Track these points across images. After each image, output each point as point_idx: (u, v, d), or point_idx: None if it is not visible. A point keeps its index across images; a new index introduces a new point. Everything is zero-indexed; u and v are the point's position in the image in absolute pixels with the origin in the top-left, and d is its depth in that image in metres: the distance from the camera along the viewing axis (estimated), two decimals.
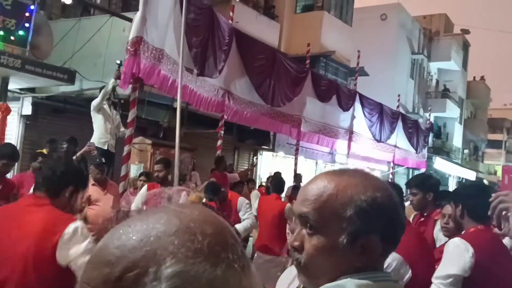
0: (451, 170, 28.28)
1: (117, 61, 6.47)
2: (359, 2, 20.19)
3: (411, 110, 24.38)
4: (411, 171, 21.29)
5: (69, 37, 8.45)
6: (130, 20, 6.54)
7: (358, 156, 14.61)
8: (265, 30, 14.68)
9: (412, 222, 4.19)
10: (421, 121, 18.47)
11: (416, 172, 19.40)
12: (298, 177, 9.96)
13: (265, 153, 14.52)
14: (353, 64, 14.88)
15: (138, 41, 5.76)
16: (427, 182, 4.09)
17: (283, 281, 1.64)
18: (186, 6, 6.53)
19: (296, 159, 10.93)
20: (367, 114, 12.71)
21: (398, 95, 15.71)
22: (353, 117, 12.27)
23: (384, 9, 23.77)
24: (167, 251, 0.55)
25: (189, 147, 9.59)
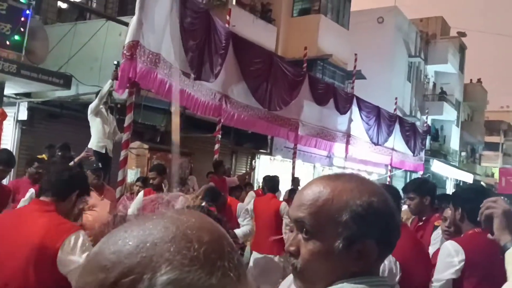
0: (449, 173, 28.34)
1: (115, 62, 6.42)
2: (356, 6, 20.25)
3: (408, 113, 24.42)
4: (409, 174, 21.30)
5: (65, 42, 8.42)
6: (126, 25, 6.52)
7: (356, 159, 14.61)
8: (262, 34, 14.69)
9: (410, 227, 4.20)
10: (419, 124, 18.51)
11: (414, 175, 19.40)
12: (296, 181, 9.95)
13: (263, 157, 14.51)
14: (350, 68, 14.88)
15: (135, 45, 5.73)
16: (424, 187, 4.11)
17: (283, 287, 1.62)
18: (183, 10, 6.54)
19: (294, 163, 10.91)
20: (365, 117, 12.71)
21: (395, 98, 15.72)
22: (351, 120, 12.27)
23: (381, 12, 23.83)
24: (163, 258, 0.54)
25: (187, 152, 9.55)
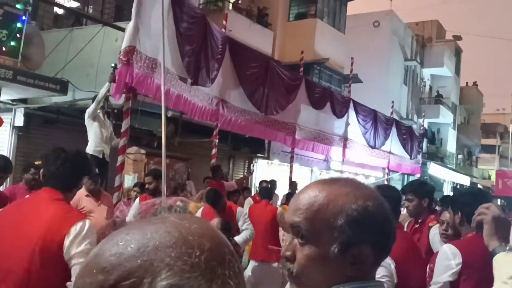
0: (446, 176, 28.40)
1: (112, 64, 6.40)
2: (352, 10, 20.33)
3: (405, 116, 24.49)
4: (406, 177, 21.33)
5: (61, 48, 8.41)
6: (123, 30, 6.52)
7: (353, 163, 14.62)
8: (259, 38, 14.72)
9: (407, 229, 4.18)
10: (415, 127, 18.54)
11: (411, 178, 19.42)
12: (294, 185, 9.92)
13: (260, 161, 14.50)
14: (347, 71, 14.93)
15: (131, 51, 5.73)
16: (423, 188, 4.10)
17: None
18: (179, 15, 6.55)
19: (291, 167, 10.91)
20: (361, 121, 12.73)
21: (392, 102, 15.77)
22: (347, 124, 12.28)
23: (377, 16, 23.94)
24: (164, 263, 0.54)
25: (184, 157, 9.54)
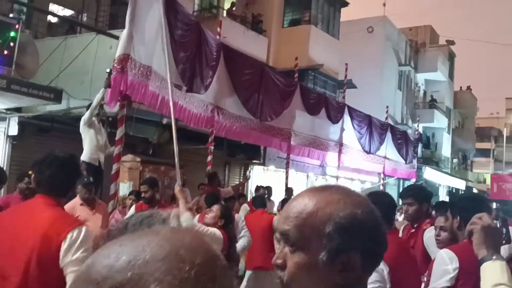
0: (441, 180, 28.48)
1: (107, 70, 6.38)
2: (346, 16, 20.44)
3: (400, 121, 24.58)
4: (402, 182, 21.37)
5: (56, 56, 8.40)
6: (117, 38, 6.51)
7: (349, 168, 14.64)
8: (253, 45, 14.76)
9: (403, 234, 4.16)
10: (410, 132, 18.59)
11: (407, 183, 19.45)
12: (290, 191, 9.91)
13: (256, 167, 14.49)
14: (341, 77, 14.97)
15: (125, 59, 5.72)
16: (423, 193, 4.06)
17: None
18: (173, 23, 6.55)
19: (287, 173, 10.90)
20: (356, 126, 12.75)
21: (387, 107, 15.80)
22: (343, 130, 12.30)
23: (370, 22, 24.08)
24: (153, 277, 0.54)
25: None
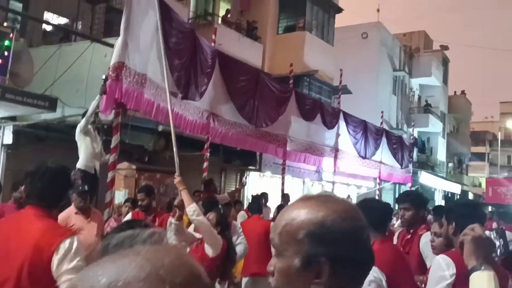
0: (437, 184, 28.53)
1: (103, 77, 6.37)
2: (340, 22, 20.54)
3: (395, 126, 24.65)
4: (398, 187, 21.41)
5: (50, 64, 8.39)
6: (112, 46, 6.51)
7: (344, 173, 14.66)
8: (248, 51, 14.81)
9: (398, 240, 4.15)
10: (405, 137, 18.66)
11: (403, 188, 19.50)
12: (286, 197, 9.87)
13: (252, 174, 14.48)
14: (336, 83, 15.02)
15: (120, 67, 5.72)
16: (420, 199, 4.07)
17: None
18: (168, 30, 6.56)
19: (283, 179, 10.89)
20: (352, 132, 12.78)
21: (382, 112, 15.85)
22: (338, 135, 12.32)
23: (365, 28, 24.21)
24: None
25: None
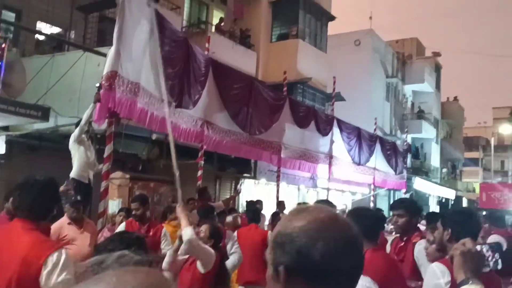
0: (431, 190, 28.60)
1: (97, 85, 6.35)
2: (333, 29, 20.69)
3: (389, 132, 24.75)
4: (392, 193, 21.44)
5: (43, 74, 8.36)
6: (105, 55, 6.51)
7: (339, 180, 14.66)
8: (242, 59, 14.85)
9: (391, 247, 4.14)
10: (399, 143, 18.71)
11: (398, 194, 19.54)
12: (282, 205, 9.85)
13: (247, 181, 14.44)
14: (330, 90, 15.07)
15: (113, 76, 5.71)
16: (415, 206, 4.07)
17: None
18: (161, 39, 6.57)
19: (278, 186, 10.88)
20: (346, 138, 12.82)
21: (375, 118, 15.92)
22: (332, 142, 12.34)
23: (357, 35, 24.37)
24: None
25: (169, 180, 9.43)
